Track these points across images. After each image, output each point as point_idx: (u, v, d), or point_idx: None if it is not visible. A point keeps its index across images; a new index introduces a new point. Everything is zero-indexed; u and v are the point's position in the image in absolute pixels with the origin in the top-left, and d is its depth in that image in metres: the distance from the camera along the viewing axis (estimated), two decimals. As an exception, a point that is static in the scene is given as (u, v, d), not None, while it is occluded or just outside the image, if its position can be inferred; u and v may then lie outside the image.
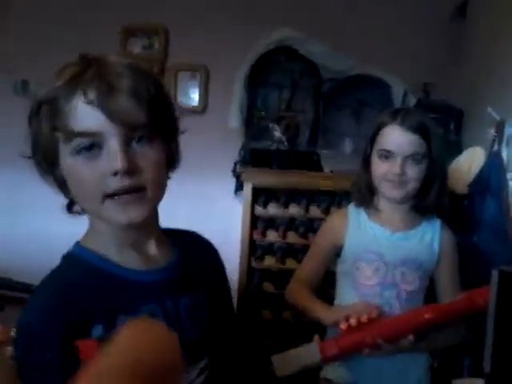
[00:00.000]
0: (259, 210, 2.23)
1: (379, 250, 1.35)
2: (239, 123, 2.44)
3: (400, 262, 1.35)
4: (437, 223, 1.41)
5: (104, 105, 0.69)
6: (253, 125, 2.51)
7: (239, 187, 2.36)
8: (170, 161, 0.81)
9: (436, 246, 1.38)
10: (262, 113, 2.52)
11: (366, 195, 1.40)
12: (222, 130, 2.46)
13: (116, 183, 0.71)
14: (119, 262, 0.78)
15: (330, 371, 1.36)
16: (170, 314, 0.79)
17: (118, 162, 0.69)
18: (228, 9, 2.56)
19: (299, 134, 2.49)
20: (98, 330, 0.71)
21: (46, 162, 0.75)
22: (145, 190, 0.73)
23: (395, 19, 2.46)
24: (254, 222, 2.23)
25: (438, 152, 1.34)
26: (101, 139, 0.70)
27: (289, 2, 2.52)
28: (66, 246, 0.89)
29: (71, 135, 0.70)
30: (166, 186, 0.79)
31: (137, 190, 0.72)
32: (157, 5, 2.58)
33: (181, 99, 2.57)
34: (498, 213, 1.56)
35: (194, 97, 2.62)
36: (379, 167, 1.34)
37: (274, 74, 2.54)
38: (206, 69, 2.60)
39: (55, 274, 0.77)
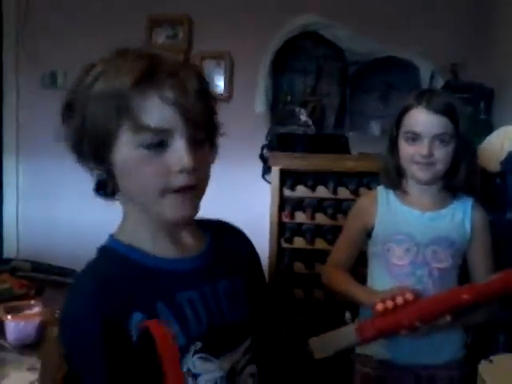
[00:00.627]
0: (287, 192, 2.24)
1: (409, 231, 1.36)
2: (265, 108, 2.45)
3: (431, 241, 1.35)
4: (468, 202, 1.41)
5: (179, 103, 0.73)
6: (279, 110, 2.52)
7: (267, 171, 2.37)
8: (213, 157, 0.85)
9: (467, 224, 1.38)
10: (288, 97, 2.53)
11: (394, 178, 1.41)
12: (248, 116, 2.47)
13: (182, 180, 0.74)
14: (155, 252, 0.80)
15: (367, 347, 1.37)
16: (208, 299, 0.82)
17: (187, 160, 0.73)
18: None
19: (325, 117, 2.49)
20: (137, 317, 0.74)
21: (96, 148, 0.76)
22: (196, 189, 0.77)
23: (420, 1, 2.43)
24: (282, 204, 2.24)
25: (465, 132, 1.33)
26: (169, 136, 0.74)
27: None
28: (96, 232, 0.93)
29: (144, 129, 0.72)
30: (209, 181, 0.83)
31: (192, 188, 0.76)
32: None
33: (206, 87, 2.59)
34: (532, 189, 1.55)
35: (220, 84, 2.64)
36: (406, 149, 1.34)
37: (299, 59, 2.54)
38: (230, 56, 2.62)
39: (93, 265, 0.79)
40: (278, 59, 2.46)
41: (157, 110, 0.73)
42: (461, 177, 1.36)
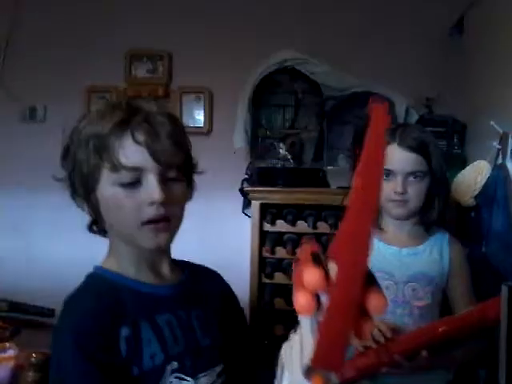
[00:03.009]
0: (267, 226, 2.25)
1: (387, 269, 1.36)
2: (244, 143, 2.47)
3: (410, 278, 1.35)
4: (445, 237, 1.42)
5: (150, 146, 0.83)
6: (258, 144, 2.54)
7: (247, 205, 2.38)
8: (189, 194, 0.94)
9: (446, 259, 1.39)
10: (267, 132, 2.56)
11: None
12: (227, 149, 2.49)
13: (152, 211, 0.83)
14: (137, 279, 0.90)
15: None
16: (183, 323, 0.89)
17: (156, 193, 0.82)
18: (229, 32, 2.61)
19: (304, 151, 2.52)
20: (126, 331, 0.81)
21: (84, 187, 0.86)
22: (170, 220, 0.86)
23: (395, 37, 2.50)
24: (263, 238, 2.25)
25: (438, 167, 1.35)
26: (142, 175, 0.83)
27: (288, 24, 2.57)
28: (73, 267, 0.98)
29: (119, 168, 0.82)
30: (183, 216, 0.91)
31: (165, 220, 0.85)
32: (160, 31, 2.64)
33: (186, 121, 2.61)
34: (506, 224, 1.58)
35: (200, 118, 2.66)
36: (382, 188, 1.36)
37: (277, 94, 2.58)
38: (209, 91, 2.65)
39: (85, 288, 0.88)
40: (257, 94, 2.50)
41: (131, 151, 0.82)
42: (435, 212, 1.38)
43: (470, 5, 2.13)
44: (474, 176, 1.75)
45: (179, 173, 0.87)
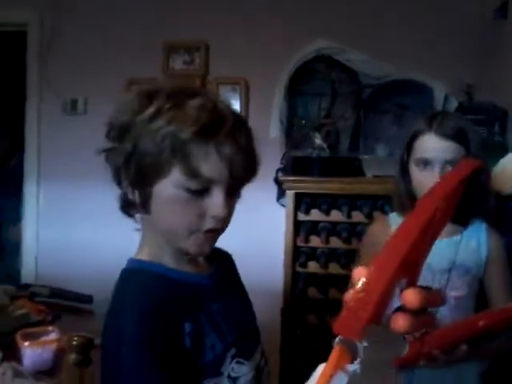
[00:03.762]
0: (301, 216, 2.25)
1: None
2: (280, 133, 2.47)
3: (446, 269, 1.33)
4: (482, 227, 1.38)
5: (232, 161, 0.80)
6: (293, 133, 2.54)
7: (281, 194, 2.38)
8: None
9: (483, 250, 1.36)
10: (303, 121, 2.55)
11: (406, 203, 1.39)
12: (263, 139, 2.48)
13: (212, 224, 0.81)
14: (180, 270, 0.87)
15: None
16: (229, 309, 0.90)
17: (222, 210, 0.80)
18: (265, 22, 2.61)
19: (340, 140, 2.50)
20: (188, 327, 0.79)
21: (140, 176, 0.81)
22: (220, 230, 0.85)
23: (435, 22, 2.44)
24: (297, 228, 2.25)
25: (477, 155, 1.31)
26: (212, 185, 0.80)
27: (325, 13, 2.54)
28: (114, 257, 0.95)
29: (194, 175, 0.78)
30: None
31: (217, 230, 0.84)
32: (197, 21, 2.66)
33: (222, 111, 2.62)
34: (547, 212, 1.52)
35: (236, 108, 2.67)
36: (418, 176, 1.33)
37: (314, 83, 2.56)
38: (245, 81, 2.66)
39: (139, 285, 0.83)
40: (293, 83, 2.49)
41: (212, 163, 0.78)
42: (473, 201, 1.35)
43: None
44: (514, 164, 1.70)
45: (243, 186, 0.86)
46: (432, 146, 1.30)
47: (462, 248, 1.35)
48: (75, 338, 1.45)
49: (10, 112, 3.30)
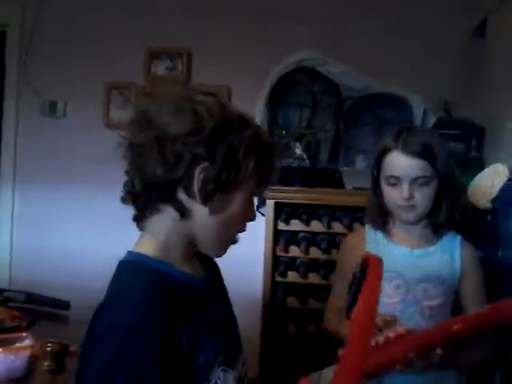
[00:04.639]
0: (282, 225, 2.25)
1: (398, 269, 1.36)
2: (261, 141, 2.47)
3: (421, 279, 1.36)
4: (456, 239, 1.42)
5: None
6: (274, 143, 2.54)
7: (261, 203, 2.38)
8: None
9: (457, 261, 1.39)
10: (283, 131, 2.56)
11: (378, 219, 1.42)
12: (244, 147, 2.49)
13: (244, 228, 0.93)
14: (183, 270, 0.86)
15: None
16: (221, 314, 0.91)
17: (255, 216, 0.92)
18: (248, 30, 2.62)
19: (320, 151, 2.52)
20: (187, 329, 0.78)
21: (221, 182, 0.81)
22: None
23: (416, 39, 2.49)
24: (277, 237, 2.25)
25: (445, 169, 1.34)
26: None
27: (309, 25, 2.57)
28: (89, 261, 0.93)
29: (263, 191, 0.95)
30: None
31: None
32: (179, 28, 2.66)
33: (204, 119, 2.61)
34: (523, 228, 1.56)
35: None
36: (389, 192, 1.36)
37: (295, 93, 2.58)
38: (228, 89, 2.66)
39: (137, 279, 0.81)
40: (274, 93, 2.50)
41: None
42: (443, 214, 1.37)
43: (492, 8, 2.11)
44: (490, 179, 1.74)
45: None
46: (400, 164, 1.32)
47: (436, 259, 1.39)
48: (49, 345, 1.42)
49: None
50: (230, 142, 0.80)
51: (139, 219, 0.87)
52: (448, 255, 1.39)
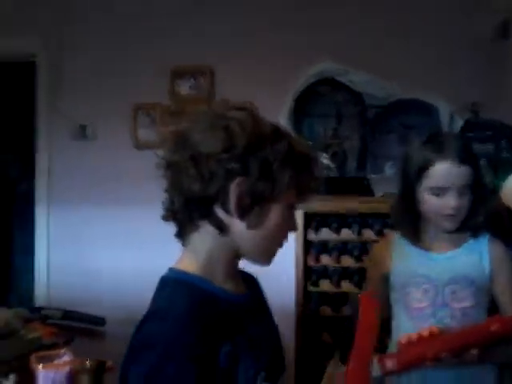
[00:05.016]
0: (312, 235, 2.25)
1: (426, 272, 1.36)
2: (287, 154, 2.48)
3: (449, 281, 1.35)
4: (484, 238, 1.39)
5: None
6: (300, 154, 2.55)
7: (291, 215, 2.39)
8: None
9: (486, 261, 1.37)
10: (309, 142, 2.57)
11: (409, 227, 1.41)
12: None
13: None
14: (223, 287, 0.86)
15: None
16: (265, 331, 0.90)
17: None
18: (269, 45, 2.65)
19: (347, 160, 2.52)
20: (227, 346, 0.77)
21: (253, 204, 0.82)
22: None
23: (438, 42, 2.48)
24: (307, 247, 2.25)
25: (481, 172, 1.36)
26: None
27: (328, 35, 2.58)
28: (124, 279, 0.92)
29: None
30: None
31: None
32: (201, 47, 2.70)
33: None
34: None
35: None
36: (433, 203, 1.33)
37: (319, 104, 2.59)
38: (251, 104, 2.68)
39: (177, 295, 0.82)
40: (298, 105, 2.52)
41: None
42: (480, 219, 1.36)
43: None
44: (523, 180, 1.71)
45: None
46: (447, 173, 1.31)
47: (463, 260, 1.37)
48: (88, 362, 1.45)
49: (19, 138, 3.35)
50: (263, 156, 0.80)
51: (181, 236, 0.88)
52: (476, 255, 1.37)
